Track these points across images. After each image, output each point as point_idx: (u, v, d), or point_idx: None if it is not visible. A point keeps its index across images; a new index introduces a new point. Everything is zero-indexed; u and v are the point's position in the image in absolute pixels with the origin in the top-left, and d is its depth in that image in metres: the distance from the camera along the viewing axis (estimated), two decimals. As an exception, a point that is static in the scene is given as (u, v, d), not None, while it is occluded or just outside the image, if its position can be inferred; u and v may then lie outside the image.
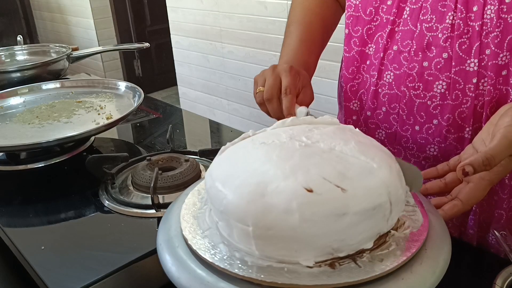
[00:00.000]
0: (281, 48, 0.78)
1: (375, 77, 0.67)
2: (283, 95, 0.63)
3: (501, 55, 0.57)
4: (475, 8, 0.57)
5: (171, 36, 2.71)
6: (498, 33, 0.56)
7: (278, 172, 0.39)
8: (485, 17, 0.57)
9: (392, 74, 0.65)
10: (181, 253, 0.42)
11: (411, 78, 0.63)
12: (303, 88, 0.66)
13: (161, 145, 0.94)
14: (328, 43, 0.82)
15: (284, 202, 0.37)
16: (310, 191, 0.37)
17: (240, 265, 0.39)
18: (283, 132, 0.46)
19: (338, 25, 0.83)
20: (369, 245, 0.39)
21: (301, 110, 0.62)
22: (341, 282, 0.37)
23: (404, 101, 0.65)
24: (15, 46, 1.48)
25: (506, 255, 0.53)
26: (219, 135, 1.03)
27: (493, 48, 0.57)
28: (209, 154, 0.80)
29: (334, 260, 0.38)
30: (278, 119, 0.64)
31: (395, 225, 0.42)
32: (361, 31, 0.69)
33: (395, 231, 0.42)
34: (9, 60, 1.46)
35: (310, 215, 0.37)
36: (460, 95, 0.60)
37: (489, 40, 0.57)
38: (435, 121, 0.63)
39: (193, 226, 0.45)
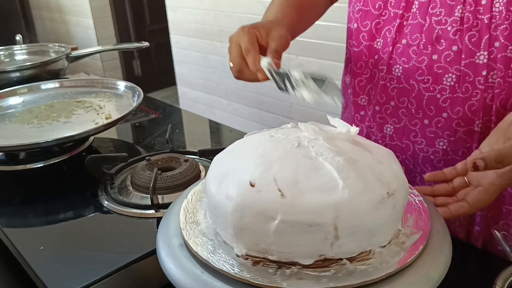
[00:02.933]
0: None
1: (384, 71, 0.67)
2: (245, 57, 0.60)
3: (510, 48, 0.57)
4: (483, 1, 0.58)
5: (171, 35, 2.71)
6: (507, 25, 0.56)
7: (251, 164, 0.42)
8: (493, 10, 0.57)
9: (401, 67, 0.65)
10: (180, 254, 0.42)
11: (420, 71, 0.63)
12: (269, 33, 0.62)
13: (160, 145, 0.94)
14: (328, 42, 0.82)
15: (230, 189, 0.40)
16: (253, 185, 0.39)
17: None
18: (296, 132, 0.47)
19: (338, 24, 0.83)
20: (306, 262, 0.39)
21: (263, 62, 0.59)
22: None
23: (413, 94, 0.65)
24: (14, 46, 1.48)
25: (507, 255, 0.53)
26: (219, 135, 1.02)
27: (502, 41, 0.57)
28: (209, 154, 0.80)
29: (268, 261, 0.39)
30: (258, 81, 0.61)
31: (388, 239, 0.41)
32: (369, 25, 0.69)
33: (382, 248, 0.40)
34: (8, 59, 1.45)
35: (242, 208, 0.39)
36: (470, 87, 0.60)
37: (498, 32, 0.57)
38: (444, 115, 0.63)
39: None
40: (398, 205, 0.41)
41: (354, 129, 0.44)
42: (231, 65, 0.63)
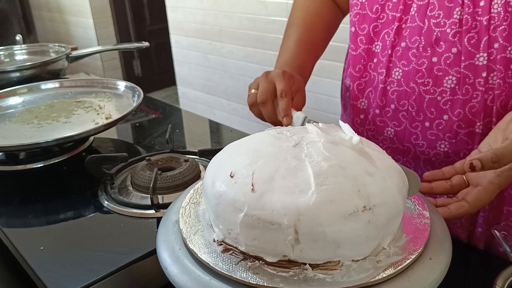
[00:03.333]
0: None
1: (383, 74, 0.67)
2: (279, 98, 0.64)
3: (509, 49, 0.57)
4: (482, 3, 0.58)
5: (171, 35, 2.71)
6: (505, 26, 0.56)
7: (243, 157, 0.44)
8: (492, 11, 0.57)
9: (400, 70, 0.65)
10: (181, 254, 0.42)
11: (420, 74, 0.63)
12: (297, 92, 0.67)
13: (160, 145, 0.94)
14: (330, 43, 0.82)
15: (217, 177, 0.43)
16: (232, 176, 0.41)
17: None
18: (304, 132, 0.47)
19: (341, 24, 0.83)
20: (270, 259, 0.39)
21: (298, 115, 0.64)
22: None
23: (414, 97, 0.65)
24: (14, 46, 1.48)
25: (507, 255, 0.53)
26: (219, 135, 1.02)
27: (501, 42, 0.57)
28: (209, 154, 0.80)
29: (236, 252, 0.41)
30: (272, 123, 0.65)
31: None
32: (367, 29, 0.69)
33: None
34: (8, 59, 1.45)
35: (218, 195, 0.41)
36: (470, 89, 0.60)
37: (497, 34, 0.57)
38: (445, 117, 0.63)
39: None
40: (377, 221, 0.39)
41: (356, 138, 0.43)
42: (253, 92, 0.68)
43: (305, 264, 0.39)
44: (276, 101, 0.66)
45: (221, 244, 0.42)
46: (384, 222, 0.39)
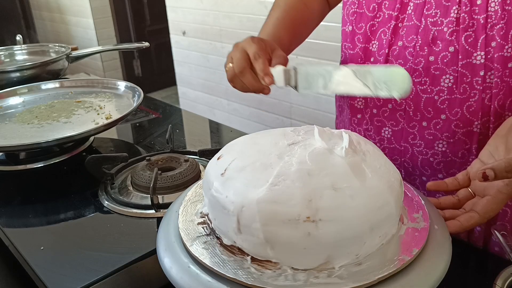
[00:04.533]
0: None
1: None
2: (253, 61, 0.62)
3: (506, 47, 0.57)
4: (479, 1, 0.57)
5: (171, 35, 2.71)
6: (503, 25, 0.56)
7: (241, 145, 0.47)
8: (489, 9, 0.57)
9: None
10: (180, 254, 0.42)
11: (417, 73, 0.63)
12: (273, 51, 0.64)
13: (160, 145, 0.94)
14: (329, 43, 0.82)
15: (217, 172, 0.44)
16: (218, 159, 0.46)
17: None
18: (311, 135, 0.47)
19: (337, 24, 0.83)
20: (225, 241, 0.42)
21: (278, 70, 0.61)
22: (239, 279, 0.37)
23: (411, 96, 0.65)
24: (14, 46, 1.48)
25: (507, 255, 0.53)
26: (219, 135, 1.02)
27: (498, 40, 0.57)
28: (209, 154, 0.80)
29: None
30: (257, 90, 0.63)
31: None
32: (364, 27, 0.69)
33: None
34: (8, 60, 1.46)
35: (206, 171, 0.46)
36: (467, 88, 0.60)
37: (494, 32, 0.57)
38: (443, 116, 0.63)
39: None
40: (318, 236, 0.37)
41: (340, 152, 0.42)
42: (230, 66, 0.64)
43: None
44: (254, 68, 0.63)
45: (203, 217, 0.46)
46: (327, 240, 0.38)
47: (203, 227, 0.45)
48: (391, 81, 0.51)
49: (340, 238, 0.38)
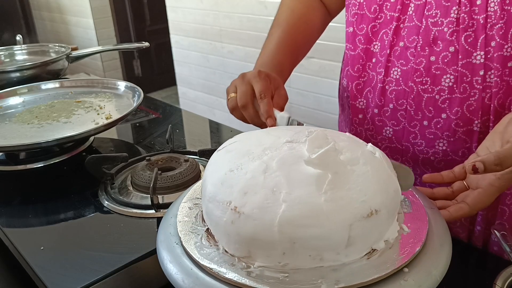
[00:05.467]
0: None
1: (382, 74, 0.67)
2: (258, 100, 0.64)
3: (506, 47, 0.57)
4: (478, 2, 0.58)
5: (171, 36, 2.71)
6: (502, 24, 0.57)
7: (244, 136, 0.50)
8: (489, 9, 0.57)
9: (399, 70, 0.66)
10: (180, 254, 0.42)
11: (418, 73, 0.63)
12: (276, 90, 0.67)
13: (160, 145, 0.94)
14: (329, 43, 0.83)
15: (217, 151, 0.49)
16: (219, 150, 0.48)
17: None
18: (300, 131, 0.47)
19: (338, 24, 0.83)
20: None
21: (282, 115, 0.63)
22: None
23: (412, 96, 0.65)
24: (14, 46, 1.48)
25: (507, 255, 0.53)
26: (219, 135, 1.02)
27: (498, 40, 0.57)
28: (209, 154, 0.80)
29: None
30: (256, 125, 0.65)
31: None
32: (365, 29, 0.69)
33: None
34: (8, 60, 1.45)
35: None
36: (468, 88, 0.60)
37: (493, 32, 0.57)
38: (443, 115, 0.63)
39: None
40: (238, 227, 0.39)
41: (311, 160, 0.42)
42: (233, 95, 0.67)
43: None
44: (256, 103, 0.65)
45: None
46: (248, 236, 0.39)
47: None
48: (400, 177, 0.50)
49: (255, 237, 0.38)
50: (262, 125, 0.65)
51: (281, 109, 0.66)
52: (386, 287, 0.37)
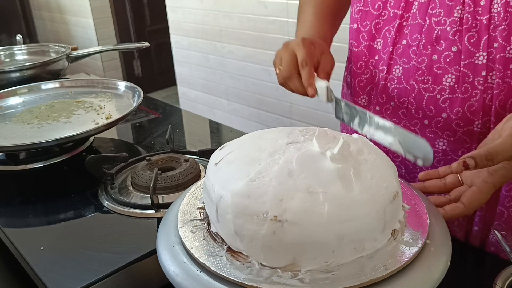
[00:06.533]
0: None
1: (384, 71, 0.68)
2: (300, 69, 0.63)
3: (508, 48, 0.57)
4: (482, 2, 0.58)
5: (171, 36, 2.71)
6: (505, 26, 0.56)
7: (244, 139, 0.49)
8: (492, 10, 0.57)
9: (401, 68, 0.66)
10: (181, 254, 0.42)
11: (420, 71, 0.63)
12: (322, 55, 0.66)
13: (160, 145, 0.94)
14: (332, 43, 0.82)
15: (212, 162, 0.47)
16: (220, 149, 0.48)
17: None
18: (309, 135, 0.47)
19: (341, 24, 0.83)
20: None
21: (321, 85, 0.62)
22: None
23: (413, 95, 0.65)
24: (14, 46, 1.48)
25: (507, 255, 0.53)
26: (219, 135, 1.02)
27: (500, 41, 0.57)
28: (209, 154, 0.80)
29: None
30: (303, 94, 0.65)
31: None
32: (369, 25, 0.69)
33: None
34: (8, 59, 1.46)
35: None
36: (469, 88, 0.60)
37: (496, 33, 0.57)
38: (444, 115, 0.63)
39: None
40: (282, 236, 0.38)
41: (331, 157, 0.42)
42: (280, 68, 0.66)
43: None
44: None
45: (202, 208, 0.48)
46: (295, 242, 0.38)
47: (200, 212, 0.47)
48: (418, 149, 0.50)
49: (303, 242, 0.38)
50: (308, 94, 0.64)
51: (328, 75, 0.64)
52: (385, 286, 0.37)
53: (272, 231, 0.38)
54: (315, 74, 0.64)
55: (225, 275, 0.38)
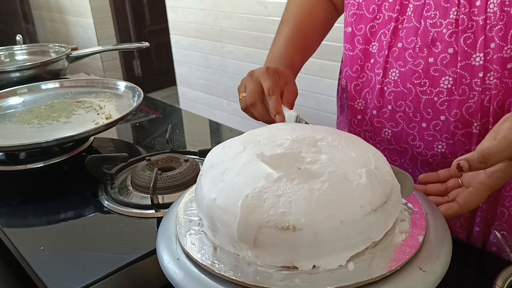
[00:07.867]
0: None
1: (380, 75, 0.67)
2: (267, 97, 0.64)
3: (505, 48, 0.57)
4: (478, 3, 0.57)
5: (171, 35, 2.71)
6: (501, 26, 0.56)
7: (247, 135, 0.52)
8: (488, 11, 0.57)
9: (397, 71, 0.65)
10: (181, 254, 0.42)
11: (416, 74, 0.63)
12: (286, 85, 0.67)
13: (160, 145, 0.94)
14: (329, 43, 0.82)
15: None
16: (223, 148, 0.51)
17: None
18: (320, 134, 0.48)
19: (338, 24, 0.83)
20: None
21: (290, 114, 0.63)
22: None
23: (410, 98, 0.65)
24: (14, 46, 1.48)
25: (507, 255, 0.53)
26: (219, 135, 1.02)
27: (497, 42, 0.57)
28: (209, 154, 0.80)
29: None
30: (266, 122, 0.65)
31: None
32: (364, 29, 0.69)
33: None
34: (8, 60, 1.46)
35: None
36: (467, 90, 0.60)
37: (493, 33, 0.57)
38: (442, 117, 0.63)
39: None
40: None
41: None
42: (243, 95, 0.67)
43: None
44: (266, 100, 0.65)
45: None
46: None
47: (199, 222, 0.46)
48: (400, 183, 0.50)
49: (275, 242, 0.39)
50: (272, 122, 0.64)
51: (291, 105, 0.65)
52: (385, 286, 0.37)
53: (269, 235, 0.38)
54: (284, 107, 0.64)
55: (225, 274, 0.38)
